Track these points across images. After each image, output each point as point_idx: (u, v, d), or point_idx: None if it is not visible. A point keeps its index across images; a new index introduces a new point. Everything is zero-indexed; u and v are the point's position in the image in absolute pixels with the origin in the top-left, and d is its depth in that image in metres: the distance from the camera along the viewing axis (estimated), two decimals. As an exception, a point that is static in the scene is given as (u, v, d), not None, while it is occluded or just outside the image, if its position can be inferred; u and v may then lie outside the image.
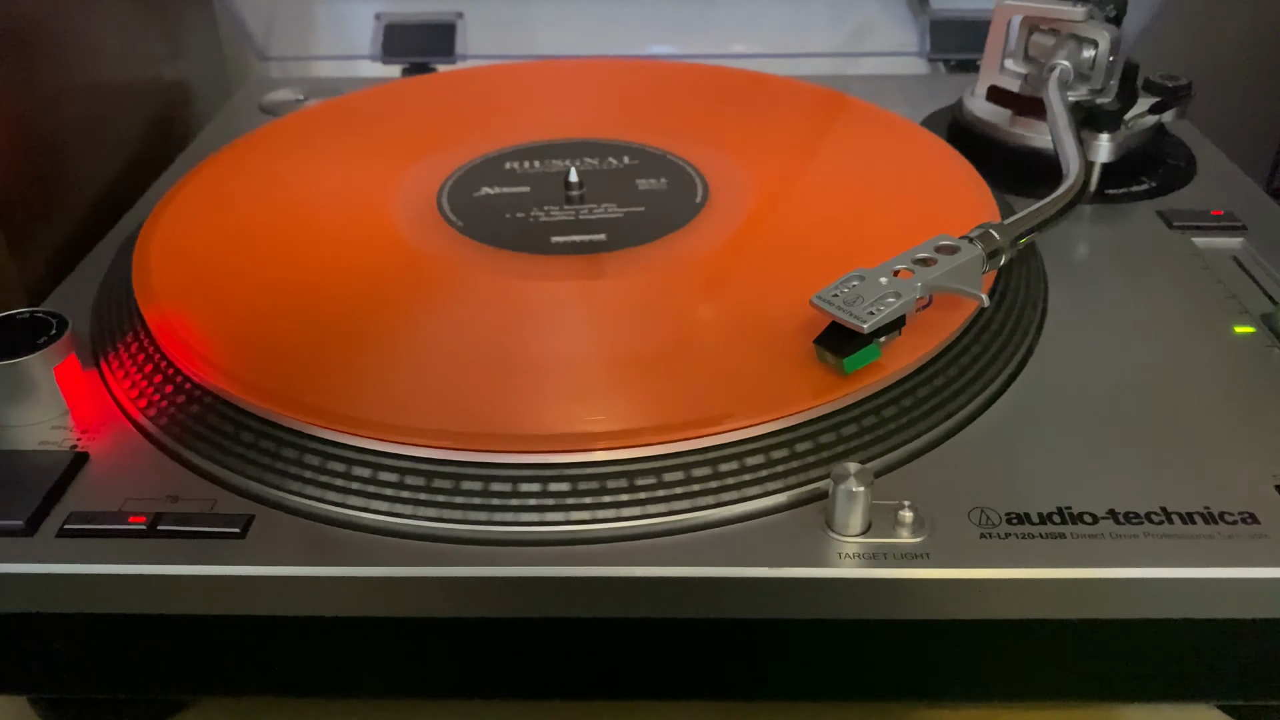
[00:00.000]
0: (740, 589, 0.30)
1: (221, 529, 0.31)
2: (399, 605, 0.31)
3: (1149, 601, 0.30)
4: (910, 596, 0.30)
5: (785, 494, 0.32)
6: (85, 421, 0.36)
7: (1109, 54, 0.48)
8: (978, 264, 0.36)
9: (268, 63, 0.71)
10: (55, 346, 0.35)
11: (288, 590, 0.30)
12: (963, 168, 0.47)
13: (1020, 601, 0.30)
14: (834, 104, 0.55)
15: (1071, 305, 0.41)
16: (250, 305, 0.39)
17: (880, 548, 0.30)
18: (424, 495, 0.31)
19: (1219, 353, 0.38)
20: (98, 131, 0.54)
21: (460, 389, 0.34)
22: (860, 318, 0.33)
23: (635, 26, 0.71)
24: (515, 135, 0.52)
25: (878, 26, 0.72)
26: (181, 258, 0.42)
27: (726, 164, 0.48)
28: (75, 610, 0.31)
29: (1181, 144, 0.53)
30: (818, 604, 0.30)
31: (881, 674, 0.32)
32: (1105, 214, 0.47)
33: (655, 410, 0.33)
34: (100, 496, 0.32)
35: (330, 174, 0.48)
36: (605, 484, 0.31)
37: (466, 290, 0.40)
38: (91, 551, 0.31)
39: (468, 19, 0.68)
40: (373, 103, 0.56)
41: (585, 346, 0.37)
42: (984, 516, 0.31)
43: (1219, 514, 0.31)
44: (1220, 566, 0.30)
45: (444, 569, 0.30)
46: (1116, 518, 0.31)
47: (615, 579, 0.30)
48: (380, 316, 0.38)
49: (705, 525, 0.31)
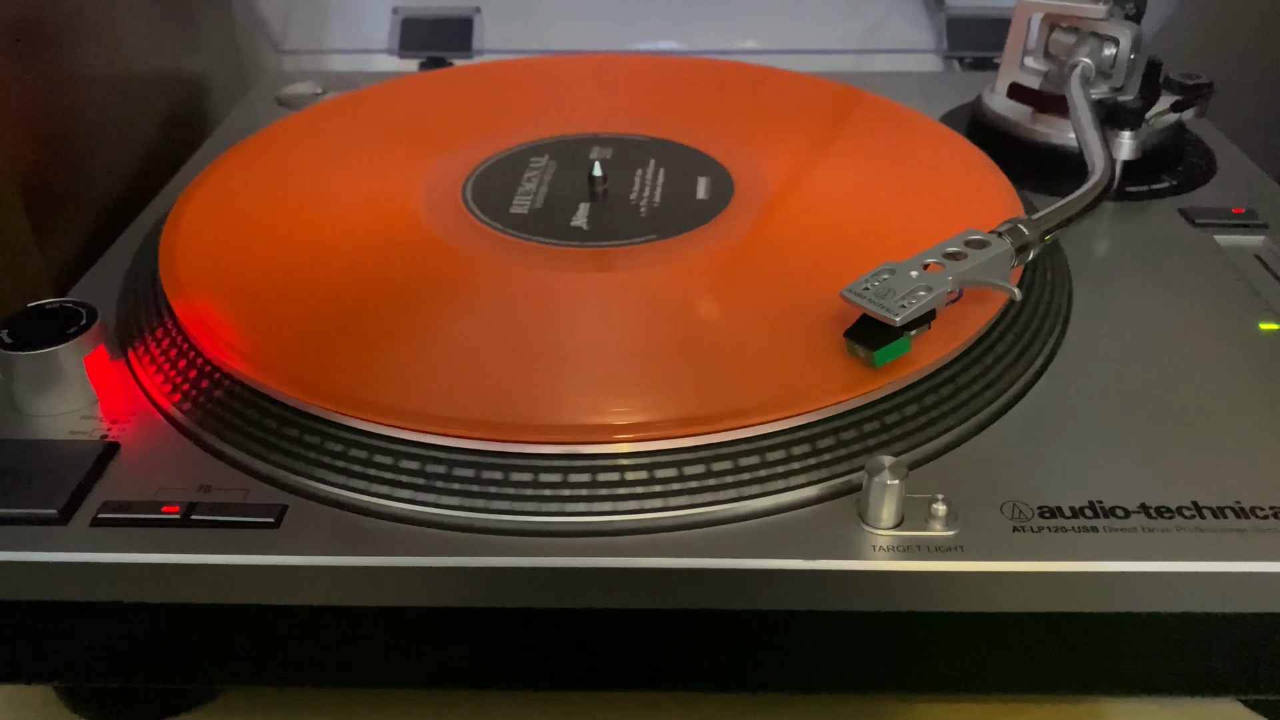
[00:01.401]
0: (773, 581, 0.30)
1: (256, 519, 0.31)
2: (430, 595, 0.31)
3: (1180, 596, 0.30)
4: (943, 589, 0.30)
5: (817, 487, 0.32)
6: (115, 412, 0.36)
7: (1130, 51, 0.48)
8: (1007, 258, 0.36)
9: (284, 56, 0.71)
10: (85, 337, 0.36)
11: (321, 580, 0.31)
12: (985, 164, 0.47)
13: (1052, 595, 0.30)
14: (855, 100, 0.55)
15: (1096, 302, 0.41)
16: (276, 295, 0.39)
17: (913, 541, 0.30)
18: (458, 485, 0.31)
19: (1245, 349, 0.38)
20: (118, 123, 0.54)
21: (488, 378, 0.34)
22: (892, 310, 0.33)
23: (650, 21, 0.71)
24: (536, 129, 0.52)
25: (893, 23, 0.72)
26: (207, 249, 0.42)
27: (750, 158, 0.48)
28: (109, 599, 0.31)
29: (1201, 142, 0.53)
30: (850, 596, 0.30)
31: (912, 667, 0.32)
32: (1127, 212, 0.48)
33: (687, 402, 0.33)
34: (132, 486, 0.33)
35: (353, 166, 0.48)
36: (636, 475, 0.31)
37: (491, 281, 0.40)
38: (126, 541, 0.31)
39: (485, 13, 0.68)
40: (392, 96, 0.56)
41: (615, 339, 0.37)
42: (1016, 510, 0.31)
43: (1250, 508, 0.31)
44: (1252, 561, 0.30)
45: (474, 559, 0.30)
46: (1149, 512, 0.31)
47: (644, 570, 0.30)
48: (406, 307, 0.38)
49: (737, 518, 0.31)
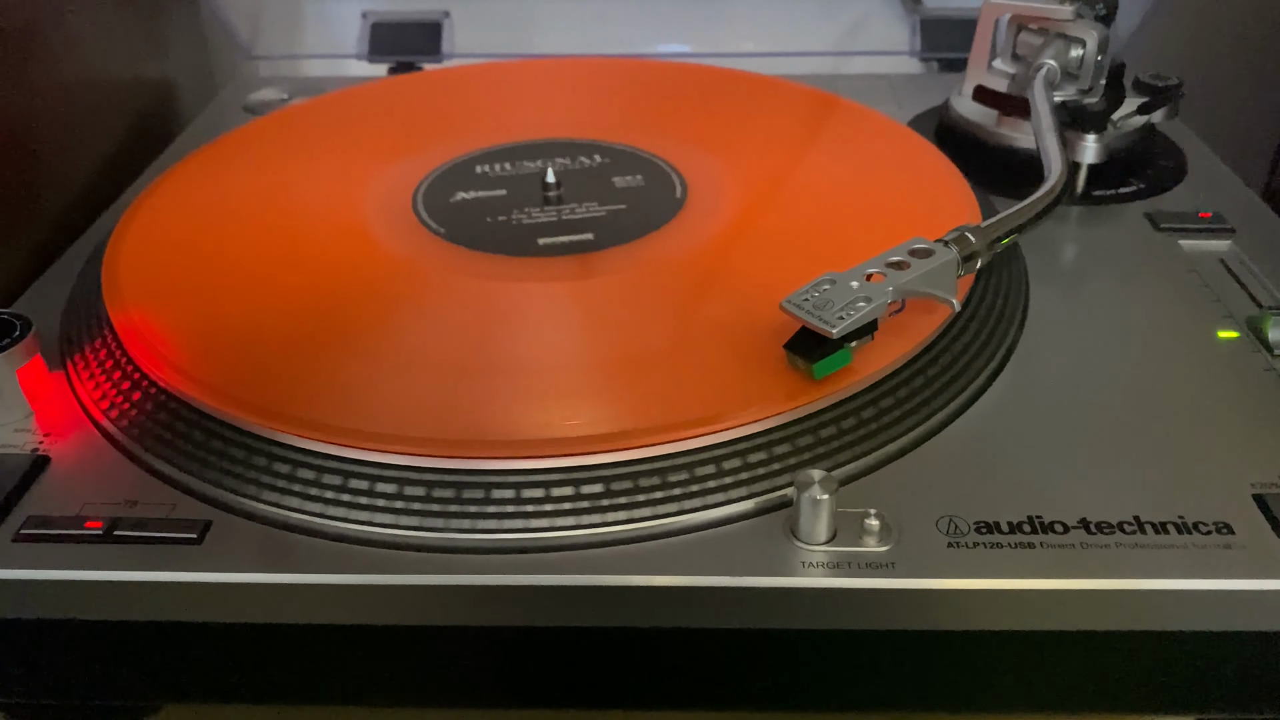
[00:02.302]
0: (702, 598, 0.29)
1: (177, 534, 0.31)
2: (356, 612, 0.30)
3: (1119, 613, 0.29)
4: (875, 606, 0.29)
5: (752, 501, 0.31)
6: (49, 424, 0.35)
7: (1097, 53, 0.47)
8: (952, 268, 0.35)
9: (254, 62, 0.70)
10: (18, 348, 0.35)
11: (244, 597, 0.30)
12: (946, 168, 0.47)
13: (987, 612, 0.29)
14: (816, 103, 0.54)
15: (1053, 309, 0.40)
16: (218, 307, 0.38)
17: (845, 556, 0.29)
18: (381, 500, 0.31)
19: (1201, 358, 0.37)
20: (76, 130, 0.53)
21: (421, 394, 0.34)
22: (829, 322, 0.32)
23: (623, 25, 0.71)
24: (491, 136, 0.51)
25: (870, 25, 0.72)
26: (152, 260, 0.41)
27: (706, 163, 0.48)
28: (33, 616, 0.31)
29: (1173, 145, 0.52)
30: (781, 613, 0.30)
31: (847, 684, 0.32)
32: (1092, 216, 0.47)
33: (619, 415, 0.32)
34: (60, 500, 0.32)
35: (305, 175, 0.48)
36: (565, 490, 0.31)
37: (434, 292, 0.39)
38: (46, 557, 0.30)
39: (454, 18, 0.68)
40: (354, 103, 0.56)
41: (549, 350, 0.36)
42: (953, 525, 0.30)
43: (1193, 524, 0.30)
44: (1193, 578, 0.29)
45: (401, 576, 0.30)
46: (1088, 527, 0.30)
47: (574, 588, 0.30)
48: (348, 319, 0.38)
49: (668, 533, 0.31)
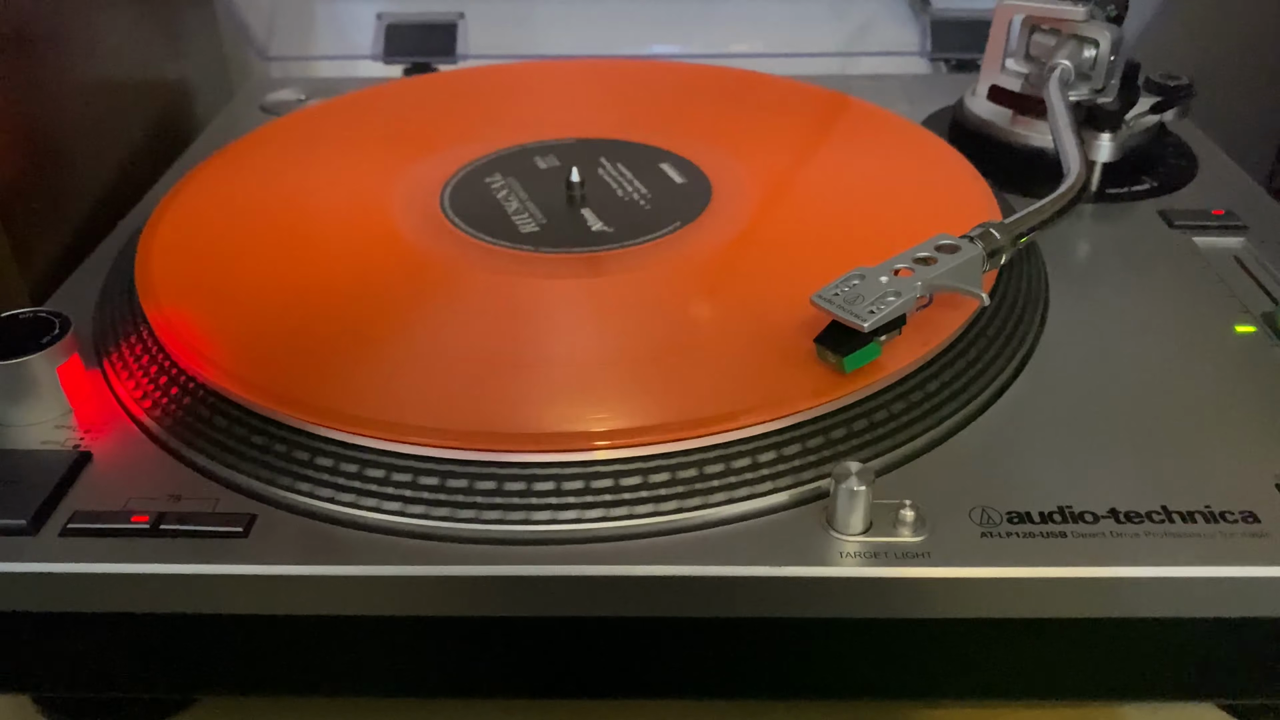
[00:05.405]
0: (741, 588, 0.30)
1: (224, 528, 0.31)
2: (399, 604, 0.31)
3: (1149, 600, 0.30)
4: (911, 595, 0.30)
5: (786, 493, 0.32)
6: (88, 421, 0.36)
7: (1110, 54, 0.48)
8: (978, 263, 0.36)
9: (269, 63, 0.71)
10: (58, 346, 0.36)
11: (290, 589, 0.31)
12: (963, 167, 0.47)
13: (1020, 600, 0.30)
14: (835, 104, 0.55)
15: (1072, 305, 0.41)
16: (252, 304, 0.39)
17: (881, 547, 0.30)
18: (425, 493, 0.31)
19: (1220, 352, 0.38)
20: (99, 131, 0.54)
21: (458, 387, 0.34)
22: (860, 316, 0.33)
23: (635, 26, 0.71)
24: (515, 135, 0.52)
25: (879, 26, 0.72)
26: (183, 257, 0.42)
27: (729, 164, 0.48)
28: (78, 609, 0.31)
29: (1183, 144, 0.53)
30: (819, 603, 0.30)
31: (882, 673, 0.32)
32: (1106, 213, 0.47)
33: (655, 410, 0.33)
34: (103, 496, 0.33)
35: (331, 173, 0.48)
36: (602, 483, 0.31)
37: (465, 288, 0.40)
38: (94, 551, 0.31)
39: (469, 19, 0.68)
40: (372, 103, 0.56)
41: (584, 345, 0.37)
42: (985, 515, 0.31)
43: (1220, 513, 0.31)
44: (1221, 565, 0.30)
45: (443, 568, 0.30)
46: (1118, 517, 0.31)
47: (612, 578, 0.30)
48: (380, 315, 0.38)
49: (705, 525, 0.31)
